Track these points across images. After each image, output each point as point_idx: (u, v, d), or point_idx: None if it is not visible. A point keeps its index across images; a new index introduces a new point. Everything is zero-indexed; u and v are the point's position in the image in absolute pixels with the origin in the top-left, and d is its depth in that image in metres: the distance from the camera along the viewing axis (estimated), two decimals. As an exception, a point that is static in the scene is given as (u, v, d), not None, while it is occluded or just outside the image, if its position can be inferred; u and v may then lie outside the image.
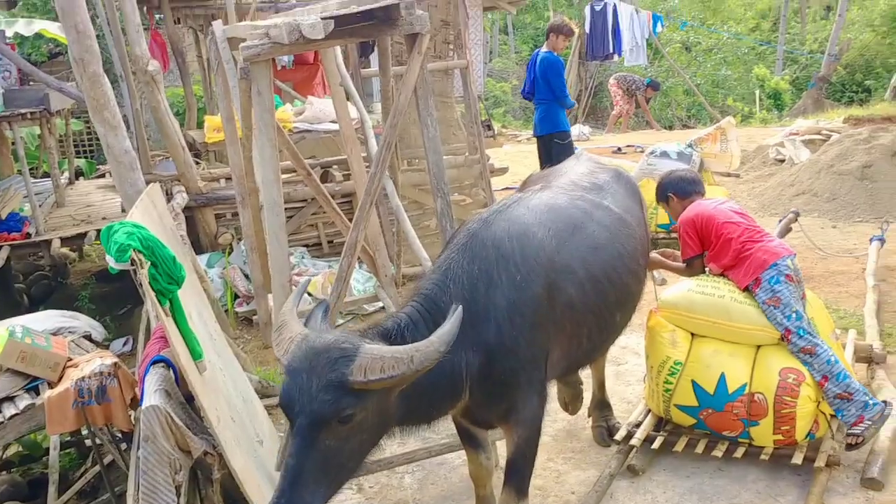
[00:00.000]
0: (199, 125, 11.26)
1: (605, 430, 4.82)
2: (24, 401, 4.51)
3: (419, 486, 4.44)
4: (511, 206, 3.57)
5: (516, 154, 14.65)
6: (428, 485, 4.46)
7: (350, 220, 5.47)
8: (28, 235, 7.74)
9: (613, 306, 3.77)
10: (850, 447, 4.22)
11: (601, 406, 4.89)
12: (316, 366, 2.66)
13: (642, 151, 11.43)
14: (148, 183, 5.89)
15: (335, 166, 8.54)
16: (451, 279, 3.18)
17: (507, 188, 11.63)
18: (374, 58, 10.11)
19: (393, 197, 6.04)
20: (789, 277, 4.28)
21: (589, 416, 4.96)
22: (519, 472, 3.54)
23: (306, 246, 8.50)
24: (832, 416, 4.32)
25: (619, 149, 14.78)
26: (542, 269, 3.35)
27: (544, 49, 8.98)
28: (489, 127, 10.53)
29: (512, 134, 18.86)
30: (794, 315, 4.20)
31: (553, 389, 4.67)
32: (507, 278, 3.23)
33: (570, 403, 4.95)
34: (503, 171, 9.76)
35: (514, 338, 3.22)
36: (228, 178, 7.65)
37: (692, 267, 4.66)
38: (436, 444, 4.53)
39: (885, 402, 4.26)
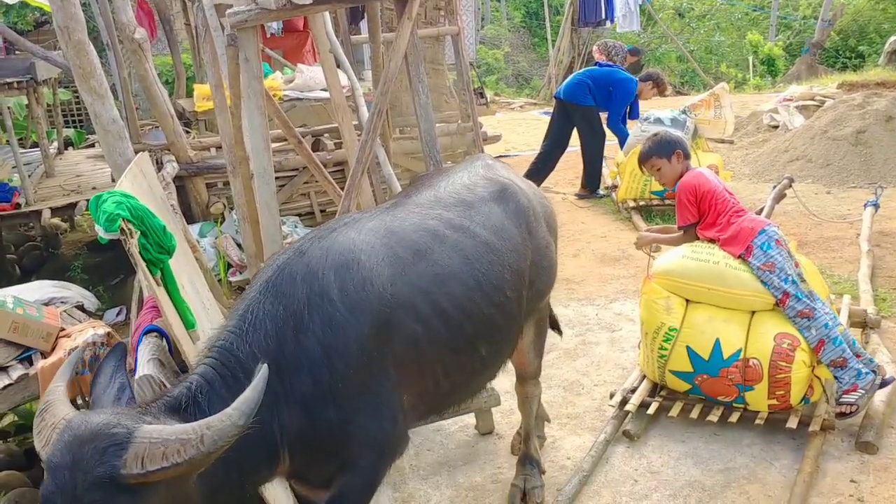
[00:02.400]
0: (189, 94, 11.13)
1: (518, 492, 3.99)
2: (17, 371, 4.50)
3: (415, 453, 4.44)
4: (337, 230, 2.97)
5: (509, 122, 14.59)
6: (424, 451, 4.47)
7: (342, 188, 5.43)
8: (18, 206, 7.67)
9: (474, 340, 3.18)
10: (841, 416, 4.22)
11: (524, 461, 4.07)
12: (80, 459, 2.08)
13: (636, 119, 11.38)
14: (137, 152, 5.83)
15: (326, 134, 8.46)
16: (252, 325, 2.62)
17: (500, 157, 11.61)
18: (364, 24, 10.00)
19: (385, 165, 6.01)
20: (779, 242, 4.31)
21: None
22: None
23: (299, 215, 8.45)
24: (827, 380, 4.35)
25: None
26: (368, 303, 2.77)
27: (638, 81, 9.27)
28: (482, 94, 10.52)
29: (505, 102, 18.78)
30: (789, 278, 4.21)
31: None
32: (322, 319, 2.67)
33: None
34: (496, 138, 9.71)
35: (336, 388, 2.68)
36: (219, 147, 7.57)
37: (687, 234, 4.65)
38: (431, 412, 4.54)
39: (874, 371, 4.26)
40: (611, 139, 9.57)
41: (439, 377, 3.10)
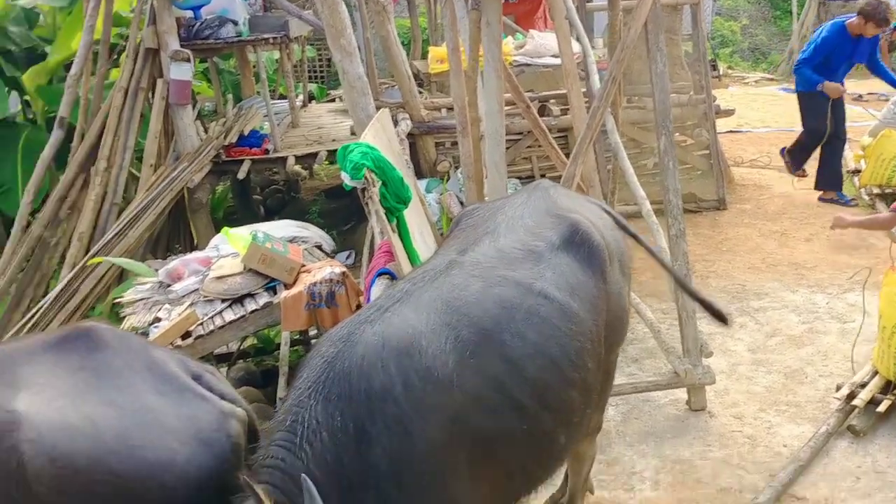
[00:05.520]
0: (424, 55, 11.57)
1: None
2: (263, 298, 4.98)
3: (622, 419, 4.47)
4: (390, 309, 2.52)
5: (743, 97, 13.90)
6: (631, 419, 4.49)
7: (565, 154, 5.47)
8: (266, 152, 8.37)
9: (552, 430, 2.75)
10: None
11: None
12: None
13: (886, 100, 10.47)
14: (377, 109, 6.18)
15: (553, 101, 8.51)
16: (304, 438, 2.25)
17: (731, 131, 11.13)
18: (599, -9, 9.90)
19: (613, 133, 5.97)
20: None
21: None
22: None
23: (519, 178, 8.59)
24: None
25: (860, 96, 13.62)
26: (436, 401, 2.38)
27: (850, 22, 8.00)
28: (714, 67, 10.06)
29: (738, 76, 17.87)
30: None
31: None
32: (386, 425, 2.28)
33: None
34: (729, 112, 9.31)
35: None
36: (450, 108, 7.84)
37: None
38: (642, 381, 4.56)
39: None
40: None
41: (515, 473, 2.74)
